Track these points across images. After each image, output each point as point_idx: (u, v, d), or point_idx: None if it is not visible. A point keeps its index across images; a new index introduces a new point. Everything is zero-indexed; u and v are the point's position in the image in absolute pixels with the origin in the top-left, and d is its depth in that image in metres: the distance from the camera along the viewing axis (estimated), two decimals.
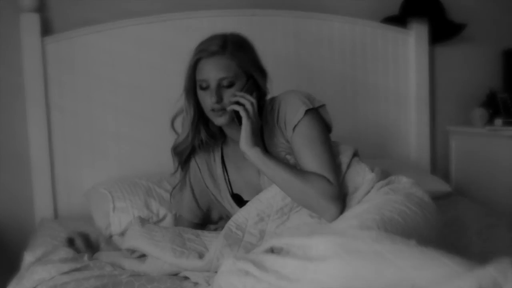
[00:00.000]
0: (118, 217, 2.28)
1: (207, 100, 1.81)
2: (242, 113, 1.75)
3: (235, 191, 1.96)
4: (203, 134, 1.94)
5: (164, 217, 2.31)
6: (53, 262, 1.80)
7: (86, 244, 1.95)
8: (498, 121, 3.07)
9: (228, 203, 1.99)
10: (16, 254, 2.18)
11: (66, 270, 1.75)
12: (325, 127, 1.87)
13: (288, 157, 1.86)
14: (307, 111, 1.81)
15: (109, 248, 1.99)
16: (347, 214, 1.68)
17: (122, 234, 2.20)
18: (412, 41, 3.11)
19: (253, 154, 1.76)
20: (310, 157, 1.77)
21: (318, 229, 1.68)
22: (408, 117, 3.14)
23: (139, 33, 2.74)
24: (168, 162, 2.69)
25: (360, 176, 1.81)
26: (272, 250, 1.52)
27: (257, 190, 1.89)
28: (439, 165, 3.30)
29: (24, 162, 2.67)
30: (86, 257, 1.87)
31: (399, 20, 3.11)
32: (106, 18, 2.73)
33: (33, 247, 2.06)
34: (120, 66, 2.72)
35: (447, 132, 3.30)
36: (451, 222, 2.26)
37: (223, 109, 1.80)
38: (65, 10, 2.73)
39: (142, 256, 1.83)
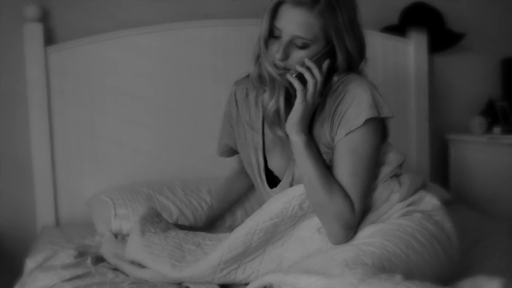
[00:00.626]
0: (119, 224, 2.30)
1: (272, 51, 1.61)
2: (299, 93, 1.57)
3: (265, 150, 1.80)
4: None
5: (166, 221, 2.30)
6: (55, 269, 1.81)
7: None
8: (497, 130, 3.09)
9: (256, 162, 1.83)
10: (18, 261, 2.19)
11: (68, 277, 1.76)
12: (380, 140, 1.70)
13: (324, 156, 1.67)
14: (368, 120, 1.61)
15: (111, 244, 2.02)
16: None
17: (123, 237, 2.23)
18: (412, 50, 3.13)
19: (296, 141, 1.60)
20: (348, 172, 1.60)
21: (308, 265, 1.49)
22: (407, 125, 3.15)
23: (141, 42, 2.76)
24: (169, 170, 2.74)
25: (387, 191, 1.67)
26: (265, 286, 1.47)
27: (287, 160, 1.75)
28: (438, 173, 3.32)
29: (26, 169, 2.68)
30: (89, 260, 1.88)
31: (398, 29, 3.13)
32: (108, 28, 2.76)
33: (34, 253, 2.08)
34: (121, 75, 2.74)
35: (447, 140, 3.32)
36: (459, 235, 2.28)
37: (285, 69, 1.61)
38: (68, 20, 2.75)
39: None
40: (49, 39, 2.70)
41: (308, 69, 1.59)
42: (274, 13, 1.60)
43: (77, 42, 2.70)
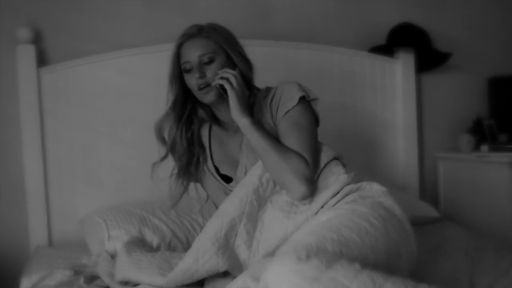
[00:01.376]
0: (113, 245, 2.30)
1: (192, 80, 1.92)
2: (227, 85, 1.85)
3: (215, 163, 2.03)
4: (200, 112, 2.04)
5: (158, 246, 2.32)
6: None
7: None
8: (485, 147, 3.14)
9: (212, 179, 2.04)
10: (11, 281, 2.19)
11: None
12: (315, 120, 1.95)
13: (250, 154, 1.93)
14: (301, 99, 1.89)
15: (107, 263, 2.04)
16: (308, 226, 1.68)
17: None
18: (399, 69, 3.18)
19: (243, 122, 1.84)
20: (294, 138, 1.84)
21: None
22: (396, 144, 3.19)
23: (132, 64, 2.79)
24: (159, 189, 2.74)
25: (334, 176, 1.86)
26: None
27: (235, 165, 1.98)
28: (427, 190, 3.35)
29: (19, 190, 2.69)
30: (82, 280, 1.90)
31: (386, 49, 3.18)
32: (100, 49, 2.78)
33: (29, 273, 2.08)
34: (113, 96, 2.77)
35: (435, 158, 3.36)
36: (439, 246, 2.30)
37: (208, 85, 1.90)
38: (60, 42, 2.78)
39: (136, 285, 1.86)
40: (42, 60, 2.73)
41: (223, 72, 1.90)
42: (177, 57, 1.96)
43: (69, 64, 2.73)
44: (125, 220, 2.41)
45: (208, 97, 1.92)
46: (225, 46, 1.93)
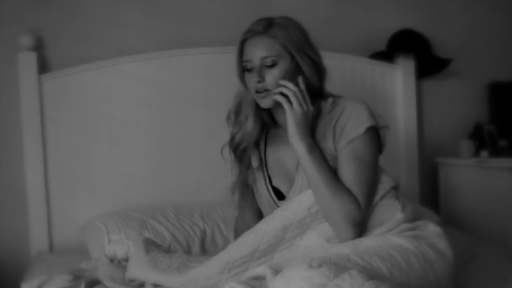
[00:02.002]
0: (113, 249, 2.32)
1: (251, 82, 1.80)
2: (285, 105, 1.73)
3: (269, 172, 1.92)
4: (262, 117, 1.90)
5: (165, 247, 2.32)
6: None
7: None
8: (484, 153, 3.14)
9: (263, 187, 1.93)
10: (13, 287, 2.20)
11: None
12: (378, 149, 1.83)
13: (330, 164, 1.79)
14: (369, 129, 1.76)
15: (107, 267, 2.04)
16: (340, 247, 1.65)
17: (119, 262, 2.25)
18: (400, 75, 3.19)
19: (299, 148, 1.73)
20: (351, 175, 1.73)
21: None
22: (397, 149, 3.19)
23: (134, 70, 2.80)
24: (162, 196, 2.76)
25: (390, 212, 1.76)
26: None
27: (290, 181, 1.86)
28: (427, 195, 3.35)
29: (21, 196, 2.70)
30: (83, 285, 1.90)
31: (386, 55, 3.19)
32: (102, 56, 2.80)
33: (29, 279, 2.09)
34: (115, 103, 2.78)
35: (435, 163, 3.36)
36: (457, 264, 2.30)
37: (267, 90, 1.78)
38: (62, 48, 2.80)
39: (141, 286, 1.86)
40: (43, 67, 2.74)
41: (284, 86, 1.76)
42: (241, 53, 1.84)
43: (71, 70, 2.74)
44: (125, 224, 2.43)
45: (264, 102, 1.80)
46: (292, 49, 1.79)
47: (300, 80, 1.79)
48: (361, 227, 1.72)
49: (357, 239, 1.68)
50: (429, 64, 3.24)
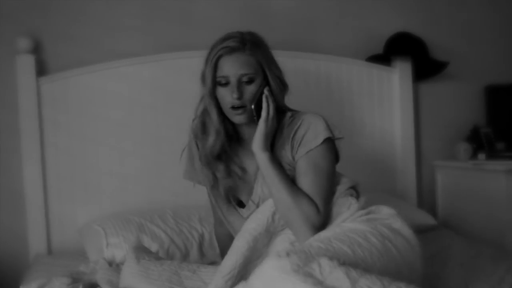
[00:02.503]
0: (111, 253, 2.32)
1: (227, 97, 1.84)
2: (263, 113, 1.81)
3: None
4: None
5: (156, 253, 2.32)
6: None
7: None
8: (482, 155, 3.15)
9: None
10: None
11: None
12: (335, 159, 1.92)
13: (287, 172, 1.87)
14: (325, 140, 1.85)
15: (105, 271, 2.05)
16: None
17: (117, 265, 2.25)
18: (397, 78, 3.20)
19: (262, 157, 1.81)
20: (310, 182, 1.81)
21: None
22: (394, 152, 3.21)
23: (132, 73, 2.81)
24: (160, 198, 2.76)
25: (346, 206, 1.84)
26: None
27: (247, 188, 1.95)
28: (425, 198, 3.36)
29: (19, 199, 2.70)
30: (80, 287, 1.90)
31: (383, 58, 3.20)
32: (100, 59, 2.80)
33: (28, 281, 2.10)
34: (113, 105, 2.78)
35: (433, 166, 3.37)
36: (435, 254, 2.31)
37: (243, 106, 1.83)
38: (60, 52, 2.80)
39: None
40: (41, 70, 2.75)
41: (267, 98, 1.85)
42: (215, 68, 1.86)
43: (69, 73, 2.74)
44: (123, 228, 2.43)
45: (239, 118, 1.86)
46: (265, 67, 1.87)
47: (266, 91, 1.85)
48: (320, 231, 1.76)
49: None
50: (426, 67, 3.25)
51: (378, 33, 3.25)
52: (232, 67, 1.83)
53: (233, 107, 1.84)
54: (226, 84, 1.84)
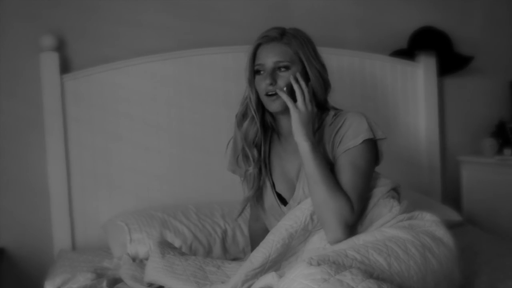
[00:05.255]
0: (135, 248, 2.33)
1: (262, 84, 1.86)
2: (289, 104, 1.78)
3: (273, 178, 1.97)
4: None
5: (180, 248, 2.32)
6: None
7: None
8: (508, 151, 3.12)
9: (269, 192, 1.97)
10: (36, 285, 2.22)
11: None
12: (375, 160, 1.89)
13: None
14: (365, 140, 1.82)
15: (129, 266, 2.05)
16: (337, 246, 1.68)
17: (141, 261, 2.26)
18: (421, 73, 3.17)
19: (303, 146, 1.77)
20: (347, 179, 1.79)
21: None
22: (418, 148, 3.18)
23: (154, 69, 2.82)
24: (183, 194, 2.77)
25: (388, 208, 1.83)
26: None
27: (292, 189, 1.92)
28: (450, 194, 3.33)
29: (43, 195, 2.72)
30: (104, 283, 1.91)
31: (407, 53, 3.17)
32: (122, 56, 2.82)
33: (53, 277, 2.12)
34: (135, 102, 2.80)
35: (458, 162, 3.33)
36: (461, 251, 2.28)
37: (277, 94, 1.84)
38: (83, 49, 2.82)
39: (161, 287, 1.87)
40: (65, 67, 2.77)
41: (295, 82, 1.83)
42: (253, 57, 1.90)
43: (92, 70, 2.76)
44: (146, 224, 2.44)
45: (274, 105, 1.86)
46: (303, 57, 1.87)
47: (308, 85, 1.85)
48: (350, 231, 1.76)
49: (354, 236, 1.73)
50: (451, 61, 3.21)
51: (402, 27, 3.22)
52: (267, 56, 1.86)
53: (267, 94, 1.85)
54: (262, 72, 1.87)
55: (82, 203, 2.74)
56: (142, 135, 2.80)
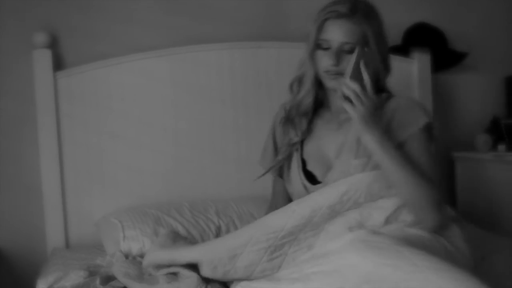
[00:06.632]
0: (128, 245, 2.33)
1: (324, 61, 1.80)
2: (349, 110, 1.67)
3: (304, 155, 1.91)
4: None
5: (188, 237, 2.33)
6: None
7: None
8: (502, 147, 3.12)
9: (295, 170, 1.92)
10: (30, 283, 2.22)
11: None
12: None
13: (356, 161, 1.79)
14: (427, 123, 1.79)
15: (122, 264, 2.05)
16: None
17: (134, 257, 2.25)
18: (415, 70, 3.17)
19: (373, 148, 1.69)
20: (424, 162, 1.74)
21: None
22: None
23: (148, 66, 2.80)
24: (177, 192, 2.76)
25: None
26: None
27: (325, 166, 1.86)
28: (444, 190, 3.33)
29: (36, 192, 2.71)
30: (98, 280, 1.91)
31: (401, 50, 3.17)
32: (116, 53, 2.80)
33: (45, 275, 2.10)
34: (129, 99, 2.78)
35: (453, 158, 3.34)
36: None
37: (338, 74, 1.78)
38: (76, 46, 2.80)
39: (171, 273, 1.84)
40: (58, 64, 2.75)
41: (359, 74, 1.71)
42: (320, 29, 1.80)
43: (85, 67, 2.74)
44: (140, 221, 2.43)
45: (332, 83, 1.81)
46: (370, 39, 1.79)
47: (370, 69, 1.73)
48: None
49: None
50: (445, 57, 3.21)
51: (396, 23, 3.20)
52: (335, 33, 1.78)
53: (327, 71, 1.80)
54: (327, 48, 1.80)
55: (75, 201, 2.72)
56: (136, 133, 2.79)
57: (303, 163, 1.92)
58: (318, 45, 1.82)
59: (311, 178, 1.88)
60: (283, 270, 1.65)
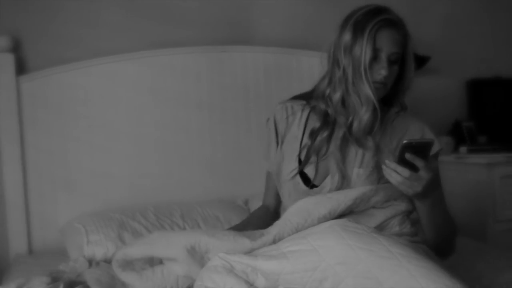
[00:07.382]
0: (92, 250, 2.31)
1: (376, 71, 1.73)
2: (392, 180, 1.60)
3: (300, 156, 1.84)
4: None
5: None
6: None
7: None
8: (463, 149, 3.18)
9: (288, 172, 1.86)
10: None
11: None
12: None
13: (360, 170, 1.78)
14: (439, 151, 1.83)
15: (95, 270, 2.03)
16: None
17: (97, 263, 2.24)
18: None
19: (421, 205, 1.73)
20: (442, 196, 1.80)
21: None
22: None
23: (113, 70, 2.79)
24: (142, 196, 2.75)
25: (402, 225, 1.86)
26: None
27: (322, 169, 1.81)
28: None
29: None
30: (61, 286, 1.89)
31: None
32: (81, 57, 2.78)
33: (7, 282, 2.08)
34: (94, 103, 2.76)
35: None
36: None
37: (383, 83, 1.74)
38: (40, 50, 2.77)
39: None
40: (21, 68, 2.72)
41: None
42: (373, 38, 1.72)
43: (49, 71, 2.71)
44: (104, 225, 2.42)
45: (379, 93, 1.76)
46: (408, 52, 1.78)
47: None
48: None
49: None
50: None
51: None
52: (387, 43, 1.72)
53: (375, 82, 1.74)
54: (375, 58, 1.72)
55: (39, 207, 2.69)
56: (101, 137, 2.77)
57: (299, 163, 1.86)
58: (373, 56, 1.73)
59: (306, 180, 1.84)
60: (264, 248, 1.63)
